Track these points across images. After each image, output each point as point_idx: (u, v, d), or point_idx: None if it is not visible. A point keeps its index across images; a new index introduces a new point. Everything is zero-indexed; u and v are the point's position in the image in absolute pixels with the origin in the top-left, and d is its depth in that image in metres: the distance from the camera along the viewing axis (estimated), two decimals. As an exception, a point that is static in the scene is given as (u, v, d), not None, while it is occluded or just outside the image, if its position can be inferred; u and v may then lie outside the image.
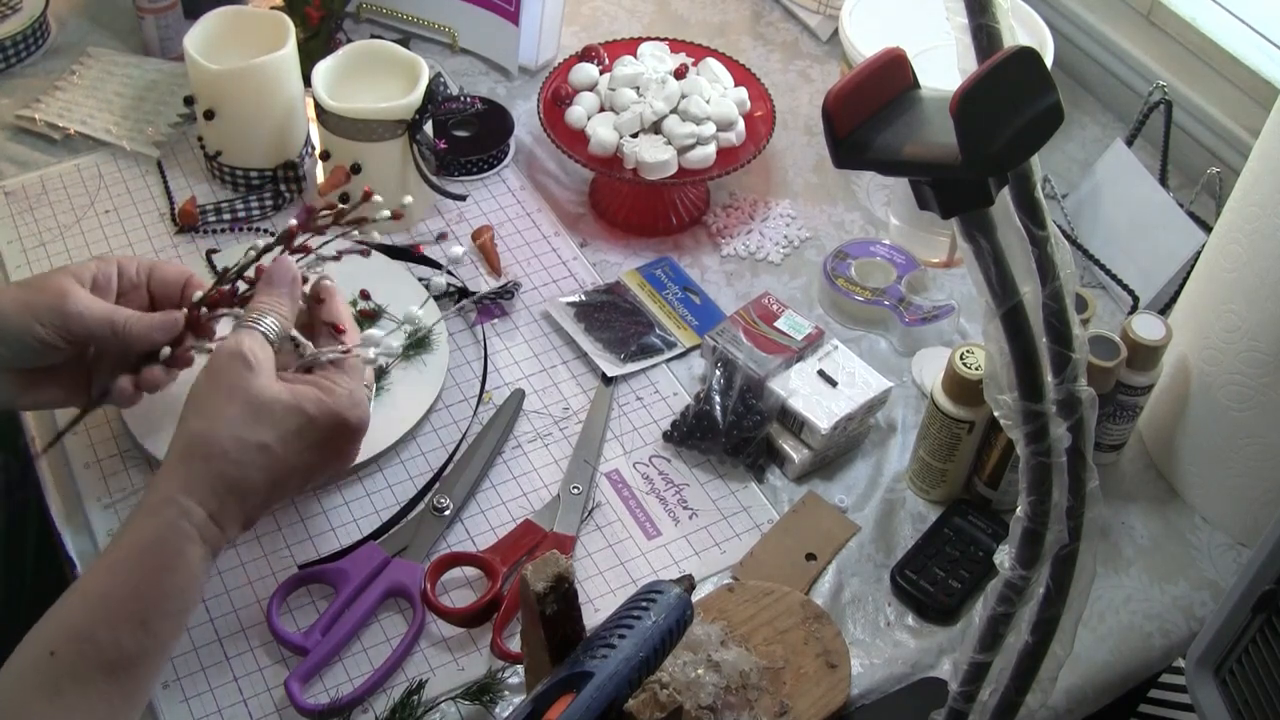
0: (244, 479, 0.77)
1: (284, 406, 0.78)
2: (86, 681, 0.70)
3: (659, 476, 1.00)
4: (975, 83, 0.49)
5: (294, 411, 0.78)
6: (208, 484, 0.75)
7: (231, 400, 0.77)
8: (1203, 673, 0.79)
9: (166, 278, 0.89)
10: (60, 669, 0.70)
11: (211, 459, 0.76)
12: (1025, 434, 0.60)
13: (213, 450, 0.76)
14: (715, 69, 1.22)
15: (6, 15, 1.30)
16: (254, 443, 0.77)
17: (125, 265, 0.88)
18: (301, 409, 0.79)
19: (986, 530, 0.96)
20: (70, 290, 0.83)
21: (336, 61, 1.14)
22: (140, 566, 0.74)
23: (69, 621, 0.72)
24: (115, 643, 0.71)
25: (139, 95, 1.27)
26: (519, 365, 1.07)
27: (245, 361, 0.78)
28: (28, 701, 0.70)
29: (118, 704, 0.71)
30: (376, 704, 0.85)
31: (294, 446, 0.78)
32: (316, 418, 0.79)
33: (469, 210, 1.20)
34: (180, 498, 0.75)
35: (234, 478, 0.76)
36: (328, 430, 0.80)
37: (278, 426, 0.78)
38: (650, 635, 0.67)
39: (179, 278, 0.89)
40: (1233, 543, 0.99)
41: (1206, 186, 1.17)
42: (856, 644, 0.91)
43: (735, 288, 1.15)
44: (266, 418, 0.77)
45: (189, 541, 0.74)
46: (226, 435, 0.76)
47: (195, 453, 0.76)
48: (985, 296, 0.57)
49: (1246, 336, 0.91)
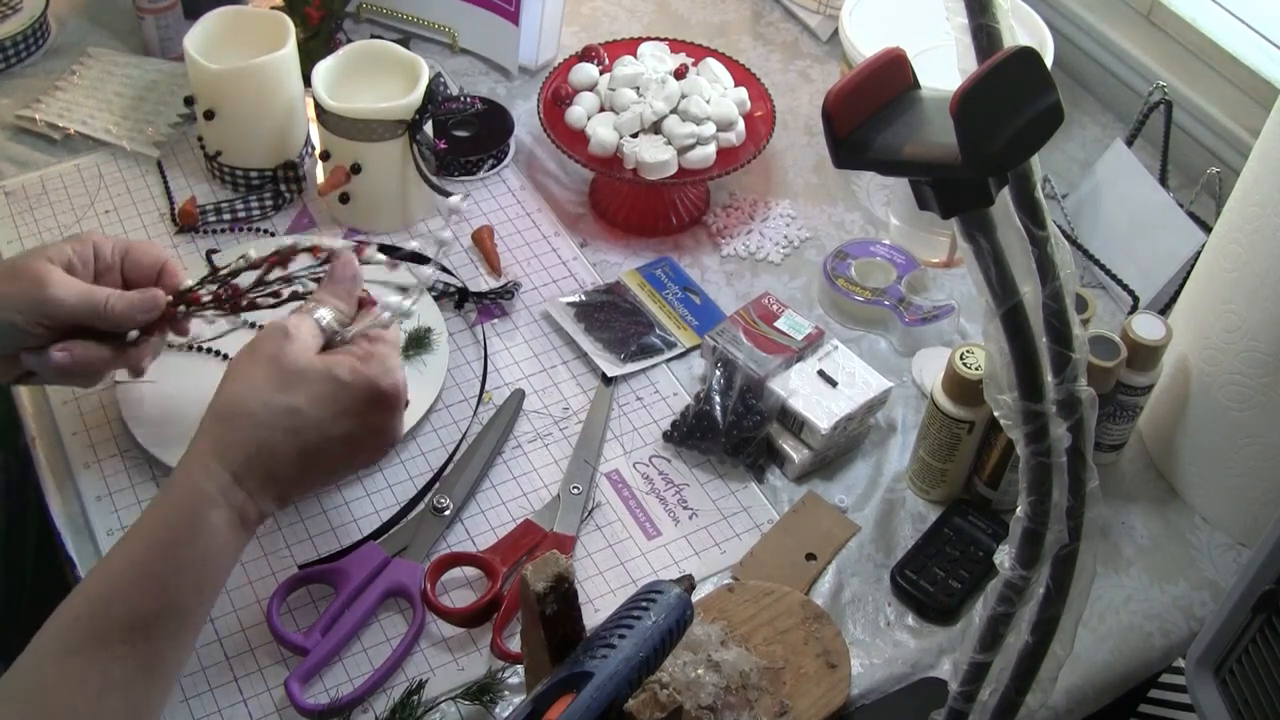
0: (271, 441, 0.76)
1: (315, 372, 0.78)
2: (104, 644, 0.70)
3: (659, 476, 1.00)
4: (975, 83, 0.49)
5: (325, 377, 0.78)
6: (234, 446, 0.75)
7: (264, 366, 0.78)
8: (1203, 673, 0.79)
9: (141, 259, 0.89)
10: (81, 631, 0.70)
11: (237, 418, 0.76)
12: (1025, 434, 0.60)
13: (240, 412, 0.76)
14: (715, 69, 1.22)
15: (6, 15, 1.30)
16: (283, 406, 0.77)
17: (101, 245, 0.88)
18: (333, 374, 0.79)
19: (986, 530, 0.96)
20: (47, 276, 0.83)
21: (336, 61, 1.14)
22: (163, 530, 0.74)
23: (95, 586, 0.72)
24: (134, 605, 0.71)
25: (139, 95, 1.27)
26: (519, 365, 1.07)
27: (284, 332, 0.79)
28: (45, 662, 0.70)
29: (134, 669, 0.71)
30: (376, 704, 0.85)
31: (326, 412, 0.78)
32: (349, 383, 0.79)
33: (469, 210, 1.20)
34: (207, 460, 0.75)
35: (261, 440, 0.76)
36: (361, 397, 0.79)
37: (308, 391, 0.78)
38: (650, 635, 0.67)
39: (154, 260, 0.89)
40: (1233, 543, 0.99)
41: (1206, 186, 1.17)
42: (856, 644, 0.91)
43: (735, 288, 1.15)
44: (297, 382, 0.77)
45: (212, 506, 0.74)
46: (256, 399, 0.76)
47: (223, 415, 0.76)
48: (985, 296, 0.57)
49: (1246, 336, 0.91)
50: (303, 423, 0.77)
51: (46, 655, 0.70)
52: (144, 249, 0.89)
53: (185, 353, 1.02)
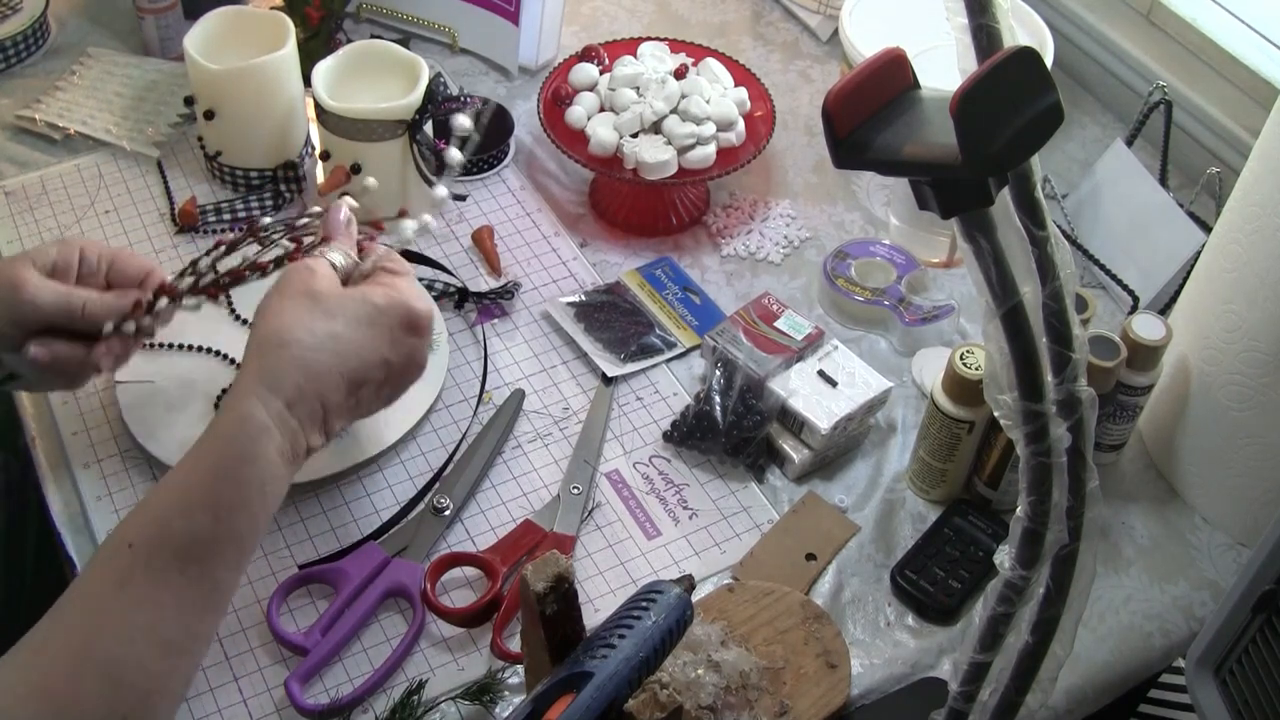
0: (319, 364, 0.77)
1: (351, 298, 0.80)
2: (158, 572, 0.70)
3: (659, 476, 1.00)
4: (975, 83, 0.49)
5: (361, 302, 0.80)
6: (283, 372, 0.76)
7: (298, 299, 0.79)
8: (1203, 673, 0.79)
9: (127, 268, 0.89)
10: (135, 559, 0.70)
11: (285, 346, 0.77)
12: (1025, 434, 0.60)
13: (286, 339, 0.77)
14: (715, 69, 1.22)
15: (6, 15, 1.30)
16: (325, 331, 0.78)
17: (87, 251, 0.88)
18: (368, 298, 0.80)
19: (986, 530, 0.96)
20: (23, 280, 0.83)
21: (336, 61, 1.14)
22: (216, 456, 0.74)
23: (147, 513, 0.73)
24: (188, 531, 0.71)
25: (139, 95, 1.27)
26: (519, 365, 1.07)
27: (309, 269, 0.81)
28: (98, 592, 0.70)
29: (187, 599, 0.71)
30: (376, 704, 0.85)
31: (365, 335, 0.79)
32: (384, 307, 0.81)
33: (469, 210, 1.20)
34: (257, 388, 0.75)
35: (309, 362, 0.77)
36: (397, 319, 0.81)
37: (347, 315, 0.79)
38: (650, 635, 0.67)
39: (139, 270, 0.89)
40: (1233, 543, 0.99)
41: (1206, 186, 1.17)
42: (856, 644, 0.91)
43: (735, 288, 1.15)
44: (336, 308, 0.79)
45: (264, 432, 0.74)
46: (297, 326, 0.77)
47: (269, 345, 0.77)
48: (985, 296, 0.57)
49: (1246, 336, 0.91)
50: (345, 347, 0.79)
51: (101, 586, 0.70)
52: (131, 259, 0.89)
53: (185, 352, 1.02)
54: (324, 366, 0.77)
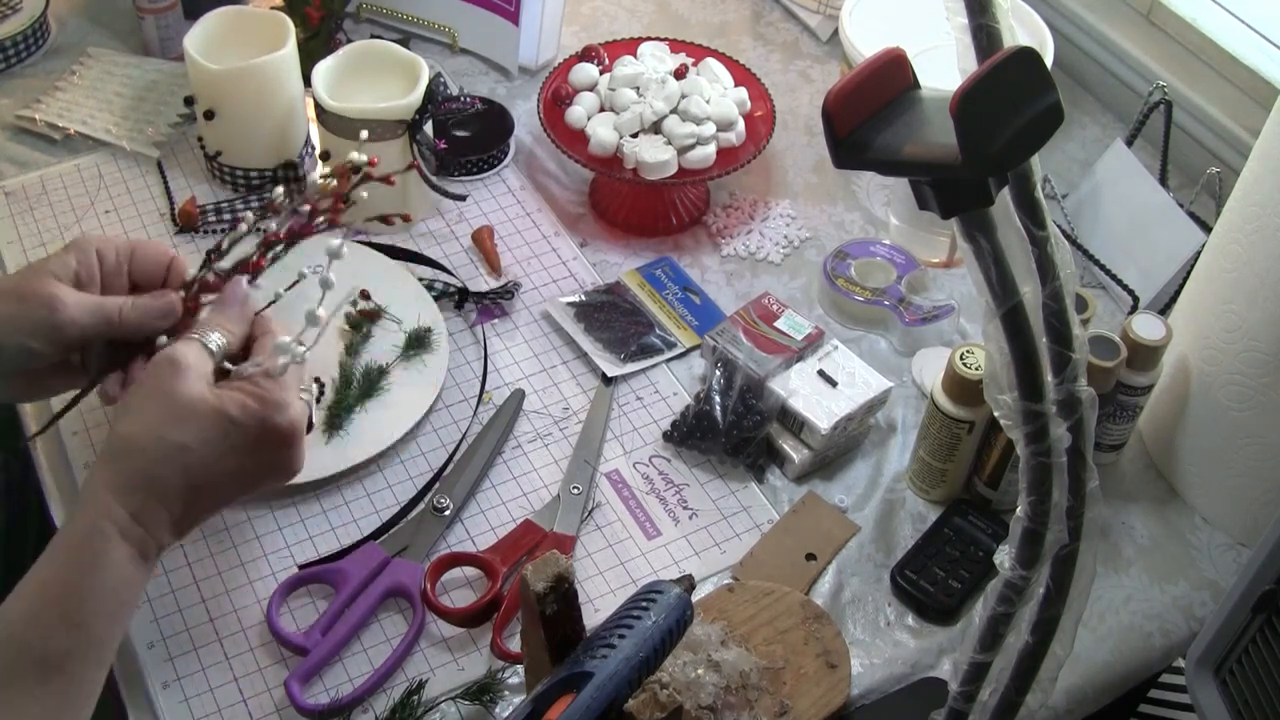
0: (162, 478, 0.75)
1: (208, 408, 0.76)
2: (18, 682, 0.69)
3: (659, 476, 1.00)
4: (975, 83, 0.49)
5: (217, 414, 0.76)
6: (128, 482, 0.74)
7: (155, 401, 0.76)
8: (1203, 673, 0.79)
9: (147, 259, 0.87)
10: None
11: (131, 457, 0.75)
12: (1025, 434, 0.60)
13: (132, 449, 0.75)
14: (715, 69, 1.22)
15: (6, 15, 1.30)
16: (174, 443, 0.75)
17: (104, 251, 0.86)
18: (225, 412, 0.77)
19: (986, 530, 0.96)
20: (56, 297, 0.81)
21: (336, 61, 1.14)
22: (66, 566, 0.73)
23: (4, 627, 0.71)
24: (45, 644, 0.70)
25: (139, 95, 1.27)
26: (519, 365, 1.07)
27: (174, 364, 0.77)
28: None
29: (53, 706, 0.70)
30: (376, 704, 0.85)
31: (216, 449, 0.76)
32: (241, 421, 0.77)
33: (469, 210, 1.20)
34: (103, 496, 0.74)
35: (152, 476, 0.75)
36: (254, 435, 0.78)
37: (199, 428, 0.76)
38: (650, 635, 0.67)
39: (160, 259, 0.87)
40: (1233, 543, 0.99)
41: (1206, 186, 1.17)
42: (856, 644, 0.91)
43: (735, 288, 1.15)
44: (188, 419, 0.76)
45: (111, 541, 0.73)
46: (147, 435, 0.75)
47: (117, 452, 0.75)
48: (985, 296, 0.57)
49: (1246, 336, 0.91)
50: (194, 460, 0.76)
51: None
52: (149, 249, 0.87)
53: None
54: (169, 481, 0.75)
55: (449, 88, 1.29)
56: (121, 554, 0.74)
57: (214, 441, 0.76)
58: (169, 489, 0.75)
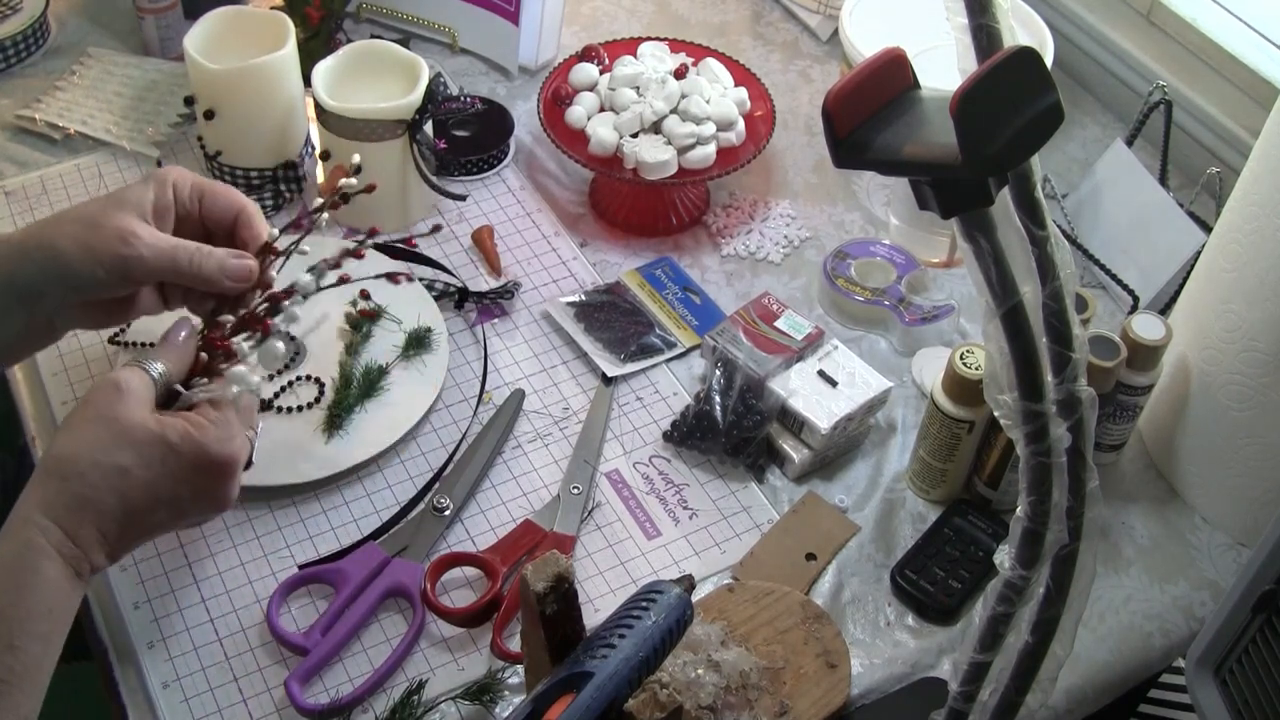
0: (98, 501, 0.75)
1: (147, 433, 0.76)
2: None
3: (659, 476, 1.00)
4: (975, 83, 0.49)
5: (156, 440, 0.76)
6: (63, 503, 0.74)
7: (95, 423, 0.76)
8: (1203, 673, 0.79)
9: (217, 204, 0.86)
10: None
11: (67, 479, 0.74)
12: (1025, 434, 0.60)
13: (68, 470, 0.74)
14: (715, 69, 1.22)
15: (6, 15, 1.30)
16: (111, 465, 0.75)
17: (180, 186, 0.85)
18: (164, 438, 0.76)
19: (986, 530, 0.96)
20: (132, 232, 0.81)
21: (336, 61, 1.14)
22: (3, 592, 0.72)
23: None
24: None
25: (139, 95, 1.27)
26: (519, 365, 1.07)
27: (116, 387, 0.76)
28: None
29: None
30: (376, 704, 0.85)
31: (154, 474, 0.76)
32: (180, 448, 0.76)
33: (469, 210, 1.20)
34: (36, 516, 0.73)
35: (87, 498, 0.74)
36: (192, 463, 0.77)
37: (138, 452, 0.75)
38: (650, 635, 0.67)
39: (229, 205, 0.86)
40: (1233, 543, 0.99)
41: (1206, 186, 1.17)
42: (856, 644, 0.91)
43: (735, 288, 1.15)
44: (127, 443, 0.75)
45: (46, 559, 0.73)
46: (84, 456, 0.75)
47: (53, 472, 0.75)
48: (985, 296, 0.57)
49: (1246, 336, 0.91)
50: (130, 485, 0.75)
51: None
52: (220, 193, 0.87)
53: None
54: (106, 504, 0.75)
55: (449, 88, 1.29)
56: (57, 572, 0.73)
57: (152, 466, 0.76)
58: (105, 510, 0.75)
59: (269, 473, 0.94)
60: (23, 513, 0.74)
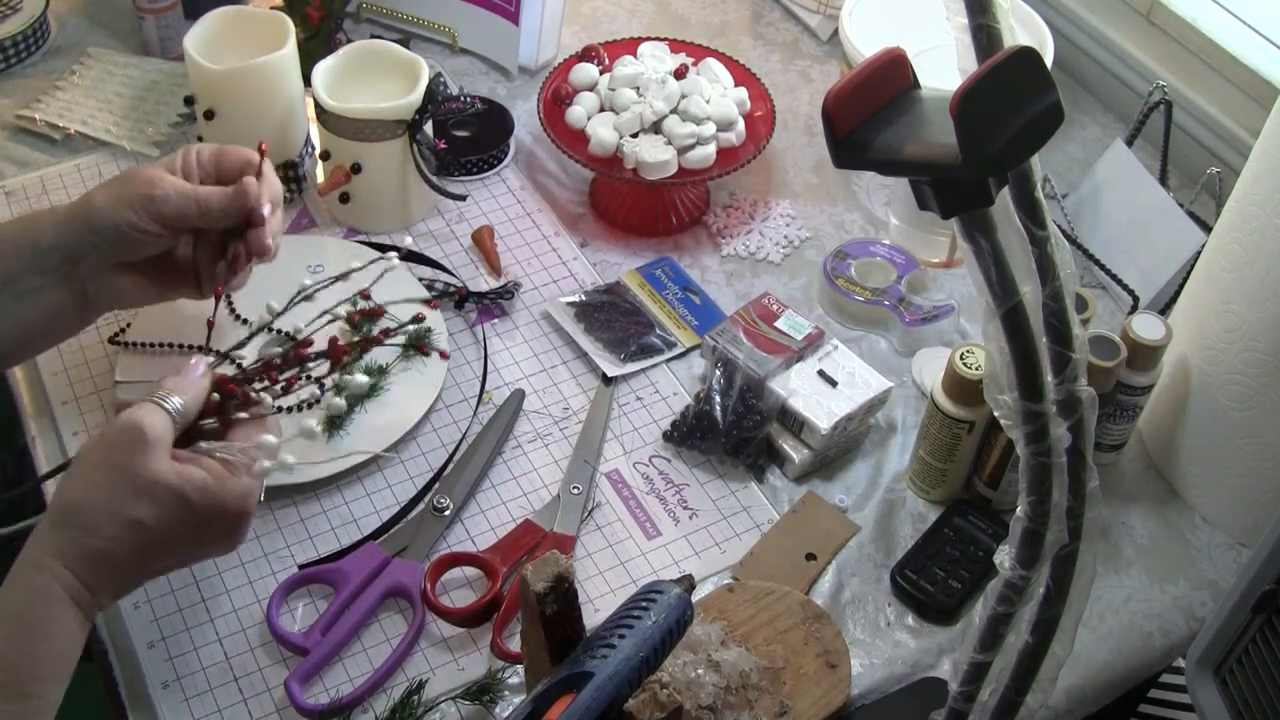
0: (114, 553, 0.74)
1: (166, 488, 0.75)
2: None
3: (659, 476, 1.00)
4: (975, 83, 0.49)
5: (176, 494, 0.75)
6: (77, 553, 0.74)
7: (115, 472, 0.75)
8: (1203, 673, 0.79)
9: (228, 161, 0.94)
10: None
11: (82, 530, 0.74)
12: (1025, 434, 0.60)
13: (84, 522, 0.74)
14: (715, 69, 1.22)
15: (6, 15, 1.30)
16: (128, 519, 0.74)
17: (202, 151, 0.94)
18: (184, 494, 0.75)
19: (986, 530, 0.96)
20: (158, 177, 0.89)
21: (336, 61, 1.14)
22: (13, 635, 0.72)
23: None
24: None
25: (139, 95, 1.27)
26: (519, 365, 1.07)
27: (139, 435, 0.76)
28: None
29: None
30: (376, 704, 0.85)
31: (169, 527, 0.76)
32: (198, 505, 0.76)
33: (469, 210, 1.20)
34: (50, 561, 0.73)
35: (103, 551, 0.74)
36: (208, 516, 0.77)
37: (156, 506, 0.75)
38: (650, 635, 0.67)
39: (239, 161, 0.93)
40: (1233, 543, 0.99)
41: (1206, 186, 1.17)
42: (856, 644, 0.91)
43: (735, 288, 1.15)
44: (146, 496, 0.75)
45: (61, 606, 0.73)
46: (99, 508, 0.74)
47: (67, 521, 0.74)
48: (985, 296, 0.57)
49: (1246, 336, 0.91)
50: (146, 537, 0.75)
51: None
52: (233, 152, 0.94)
53: (185, 352, 1.02)
54: (119, 556, 0.75)
55: (449, 88, 1.29)
56: (70, 617, 0.73)
57: (168, 520, 0.75)
58: (120, 561, 0.75)
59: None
60: (35, 559, 0.73)
